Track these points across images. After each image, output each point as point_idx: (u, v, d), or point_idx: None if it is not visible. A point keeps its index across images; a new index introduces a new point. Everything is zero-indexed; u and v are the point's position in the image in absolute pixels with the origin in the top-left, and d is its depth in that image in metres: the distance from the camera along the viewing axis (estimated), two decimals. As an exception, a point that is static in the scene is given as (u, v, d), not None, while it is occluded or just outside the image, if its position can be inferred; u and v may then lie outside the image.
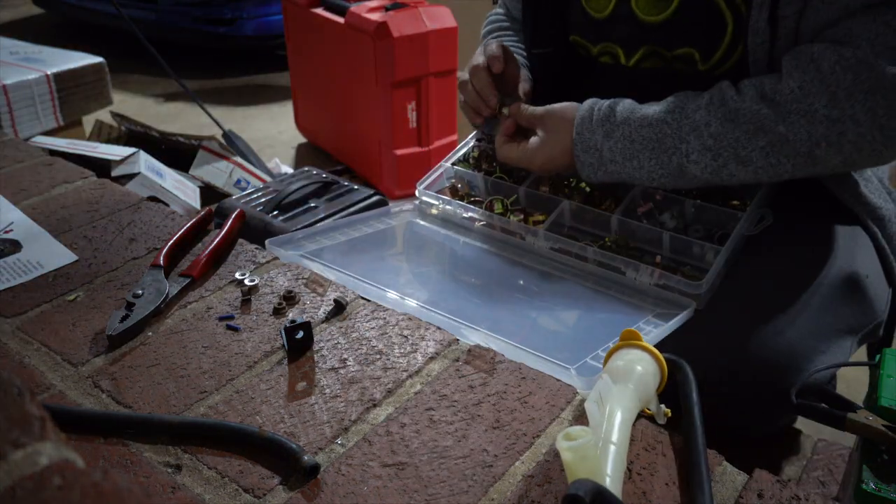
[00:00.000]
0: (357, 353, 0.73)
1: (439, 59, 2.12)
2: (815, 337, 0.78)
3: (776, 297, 0.81)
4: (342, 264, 0.85)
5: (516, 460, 0.60)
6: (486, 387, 0.68)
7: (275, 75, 3.20)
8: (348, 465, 0.60)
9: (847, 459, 0.73)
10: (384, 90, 2.09)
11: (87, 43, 2.48)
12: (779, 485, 0.58)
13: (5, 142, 1.20)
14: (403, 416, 0.65)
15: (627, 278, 0.85)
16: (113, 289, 0.83)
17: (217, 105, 2.76)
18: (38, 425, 0.34)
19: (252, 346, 0.74)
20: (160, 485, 0.58)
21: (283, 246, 0.89)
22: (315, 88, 2.46)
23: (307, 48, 2.43)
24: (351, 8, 2.17)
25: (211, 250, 0.87)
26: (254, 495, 0.58)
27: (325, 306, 0.80)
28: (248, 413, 0.66)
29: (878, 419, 0.60)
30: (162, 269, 0.83)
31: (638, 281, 0.84)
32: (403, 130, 2.13)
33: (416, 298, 0.81)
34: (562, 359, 0.69)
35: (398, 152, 2.09)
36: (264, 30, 3.21)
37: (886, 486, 0.56)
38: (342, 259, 0.89)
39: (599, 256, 0.87)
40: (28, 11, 4.21)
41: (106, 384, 0.69)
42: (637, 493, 0.57)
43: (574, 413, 0.65)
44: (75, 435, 0.63)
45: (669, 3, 0.87)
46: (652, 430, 0.64)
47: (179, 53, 2.97)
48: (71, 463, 0.33)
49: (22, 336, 0.76)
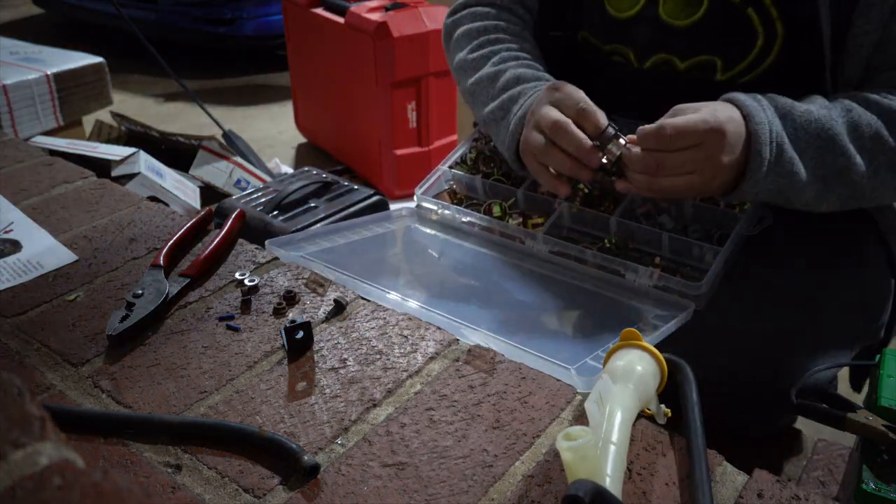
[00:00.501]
0: (357, 353, 0.73)
1: (439, 59, 2.12)
2: (816, 337, 0.78)
3: (777, 298, 0.81)
4: (342, 265, 0.85)
5: (516, 460, 0.60)
6: (486, 387, 0.68)
7: (275, 75, 3.20)
8: (348, 465, 0.60)
9: (847, 459, 0.73)
10: (384, 90, 2.09)
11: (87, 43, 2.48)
12: (779, 485, 0.58)
13: (5, 142, 1.20)
14: (403, 416, 0.65)
15: (627, 280, 0.85)
16: (113, 289, 0.83)
17: (217, 105, 2.76)
18: (38, 425, 0.34)
19: (252, 346, 0.74)
20: (160, 485, 0.58)
21: (284, 247, 0.89)
22: (315, 88, 2.46)
23: (307, 48, 2.43)
24: (351, 8, 2.17)
25: (211, 250, 0.87)
26: (254, 495, 0.58)
27: (325, 306, 0.80)
28: (248, 413, 0.66)
29: (878, 419, 0.60)
30: (162, 269, 0.83)
31: (637, 283, 0.84)
32: (403, 130, 2.13)
33: (417, 299, 0.81)
34: (562, 359, 0.69)
35: (398, 152, 2.09)
36: (264, 30, 3.21)
37: (886, 486, 0.56)
38: (342, 260, 0.89)
39: (598, 259, 0.87)
40: (28, 11, 4.21)
41: (106, 384, 0.69)
42: (637, 493, 0.57)
43: (574, 413, 0.65)
44: (75, 435, 0.63)
45: (697, 8, 0.85)
46: (652, 430, 0.64)
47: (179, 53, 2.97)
48: (71, 463, 0.33)
49: (22, 336, 0.76)
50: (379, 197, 1.11)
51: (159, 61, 1.49)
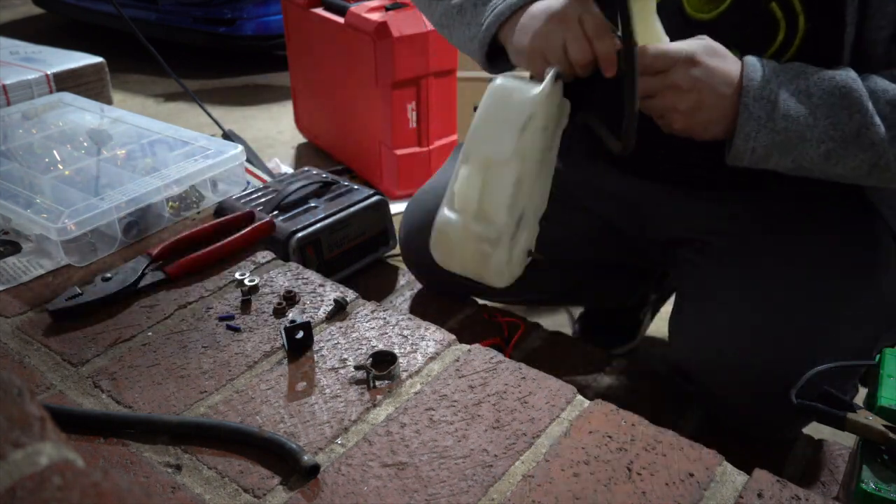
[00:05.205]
0: (357, 353, 0.73)
1: (439, 59, 2.12)
2: (834, 340, 0.77)
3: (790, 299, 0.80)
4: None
5: (516, 460, 0.60)
6: (486, 387, 0.68)
7: (275, 75, 3.20)
8: (348, 465, 0.60)
9: (847, 459, 0.73)
10: (384, 90, 2.09)
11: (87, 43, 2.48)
12: (779, 485, 0.58)
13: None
14: (403, 416, 0.65)
15: None
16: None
17: (217, 105, 2.76)
18: (38, 425, 0.34)
19: (252, 346, 0.74)
20: (160, 485, 0.58)
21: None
22: (315, 88, 2.46)
23: (307, 48, 2.43)
24: (351, 8, 2.17)
25: (202, 254, 0.86)
26: (254, 495, 0.58)
27: (325, 306, 0.80)
28: (248, 413, 0.66)
29: (878, 419, 0.60)
30: (149, 259, 0.83)
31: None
32: (403, 130, 2.12)
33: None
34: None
35: (398, 152, 2.09)
36: (264, 30, 3.21)
37: (886, 486, 0.56)
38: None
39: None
40: (28, 11, 4.21)
41: (106, 384, 0.69)
42: (637, 493, 0.57)
43: (574, 413, 0.65)
44: (75, 435, 0.63)
45: (722, 1, 0.84)
46: (652, 430, 0.64)
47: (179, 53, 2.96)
48: (71, 463, 0.33)
49: (22, 336, 0.76)
50: (379, 197, 1.11)
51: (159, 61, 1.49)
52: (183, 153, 1.04)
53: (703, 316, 0.82)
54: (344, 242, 1.06)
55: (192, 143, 1.07)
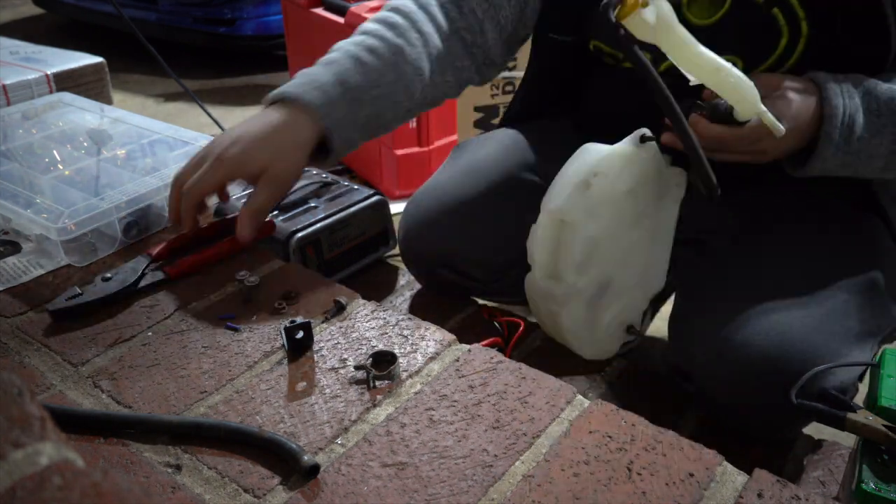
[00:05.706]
0: (357, 353, 0.73)
1: (439, 59, 2.13)
2: (835, 340, 0.77)
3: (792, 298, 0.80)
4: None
5: (516, 460, 0.60)
6: (486, 387, 0.68)
7: (275, 75, 3.20)
8: (348, 465, 0.60)
9: (847, 459, 0.73)
10: (384, 90, 2.09)
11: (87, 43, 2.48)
12: (779, 485, 0.58)
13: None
14: (403, 416, 0.65)
15: None
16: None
17: (217, 105, 2.75)
18: (38, 425, 0.34)
19: (252, 346, 0.74)
20: (160, 485, 0.58)
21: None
22: (315, 88, 2.46)
23: (307, 48, 2.43)
24: (351, 8, 2.17)
25: (202, 254, 0.86)
26: (254, 495, 0.58)
27: (325, 306, 0.80)
28: (248, 413, 0.66)
29: (878, 419, 0.60)
30: (149, 259, 0.83)
31: None
32: (403, 130, 2.12)
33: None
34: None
35: (398, 152, 2.09)
36: (264, 30, 3.21)
37: (886, 486, 0.56)
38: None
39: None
40: (28, 11, 4.21)
41: (106, 384, 0.69)
42: (637, 493, 0.57)
43: (574, 413, 0.65)
44: (75, 435, 0.63)
45: (721, 6, 0.84)
46: (652, 430, 0.64)
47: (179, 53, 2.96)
48: (71, 463, 0.33)
49: (22, 336, 0.76)
50: (379, 197, 1.11)
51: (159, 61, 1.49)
52: (183, 153, 1.04)
53: (704, 316, 0.82)
54: (344, 242, 1.06)
55: (193, 143, 1.07)
